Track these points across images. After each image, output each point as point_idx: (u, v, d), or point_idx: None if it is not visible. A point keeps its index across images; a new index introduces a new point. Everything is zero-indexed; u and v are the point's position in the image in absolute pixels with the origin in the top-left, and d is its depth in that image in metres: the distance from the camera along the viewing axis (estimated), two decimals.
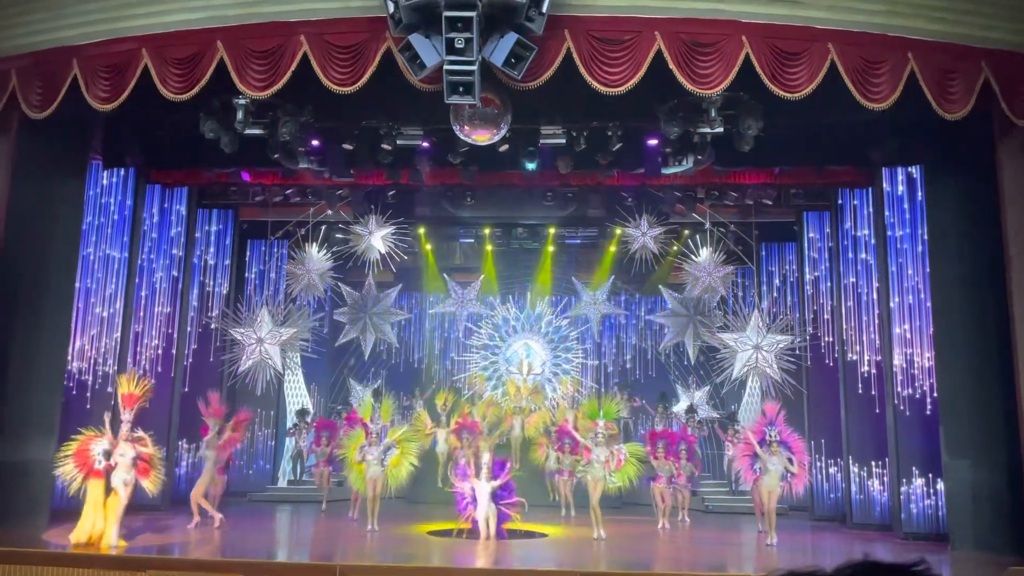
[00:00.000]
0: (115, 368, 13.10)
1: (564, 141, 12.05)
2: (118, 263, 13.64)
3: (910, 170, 12.91)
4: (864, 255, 13.98)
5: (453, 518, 11.94)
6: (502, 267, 19.09)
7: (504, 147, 12.11)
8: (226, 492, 13.41)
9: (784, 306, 16.03)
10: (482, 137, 10.83)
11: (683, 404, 17.52)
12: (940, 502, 12.10)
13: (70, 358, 12.59)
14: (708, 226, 15.15)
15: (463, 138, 11.05)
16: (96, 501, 9.99)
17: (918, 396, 12.54)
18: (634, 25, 9.38)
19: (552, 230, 17.36)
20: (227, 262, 15.94)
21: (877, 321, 13.54)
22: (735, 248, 15.71)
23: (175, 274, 14.59)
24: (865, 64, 9.44)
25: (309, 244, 15.41)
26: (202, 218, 15.61)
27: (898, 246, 12.95)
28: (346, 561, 10.07)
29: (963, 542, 11.02)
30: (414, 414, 16.52)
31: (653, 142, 12.39)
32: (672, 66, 9.30)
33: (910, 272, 12.83)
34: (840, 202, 14.39)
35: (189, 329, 15.03)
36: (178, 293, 14.58)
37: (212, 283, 15.69)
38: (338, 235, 16.12)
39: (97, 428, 10.35)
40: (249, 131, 10.99)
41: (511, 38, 8.76)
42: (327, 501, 14.93)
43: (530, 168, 13.01)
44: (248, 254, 16.88)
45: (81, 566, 8.74)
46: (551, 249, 18.13)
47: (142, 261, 14.11)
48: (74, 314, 12.61)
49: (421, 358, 19.98)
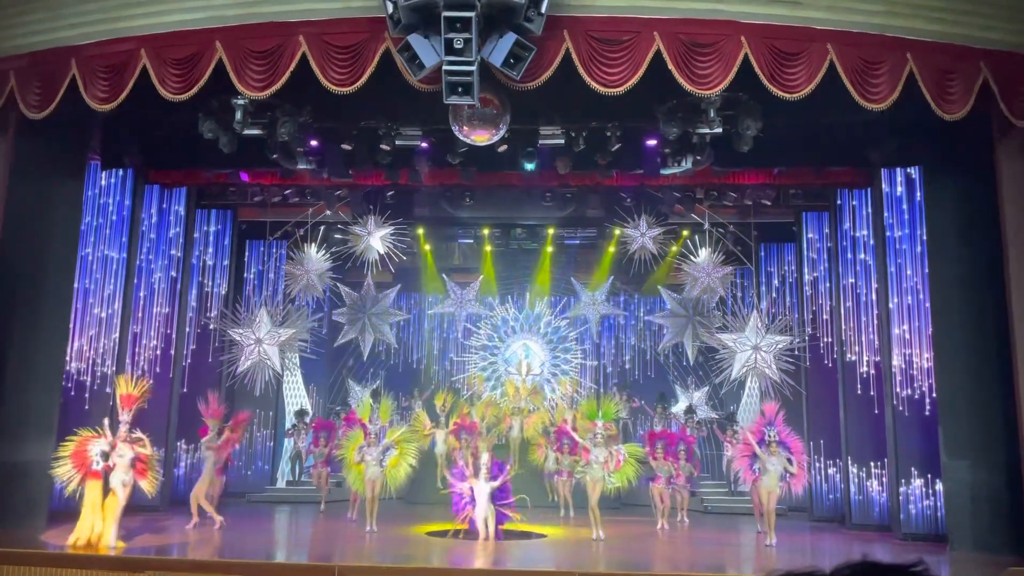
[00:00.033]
0: (113, 369, 13.09)
1: (563, 141, 12.04)
2: (116, 263, 13.63)
3: (909, 171, 12.92)
4: (863, 256, 13.98)
5: (452, 519, 11.94)
6: (501, 268, 19.11)
7: (503, 147, 12.11)
8: (225, 493, 13.39)
9: (783, 307, 16.03)
10: (481, 137, 10.82)
11: (682, 405, 17.52)
12: (939, 503, 12.10)
13: (68, 359, 12.57)
14: (707, 226, 15.17)
15: (462, 138, 11.04)
16: (94, 502, 9.95)
17: (917, 397, 12.54)
18: (633, 25, 9.38)
19: (551, 230, 17.39)
20: (226, 262, 15.92)
21: (876, 322, 13.54)
22: (734, 248, 15.72)
23: (174, 274, 14.57)
24: (864, 64, 9.45)
25: (308, 244, 15.42)
26: (201, 218, 15.59)
27: (897, 247, 12.95)
28: (345, 562, 10.06)
29: (962, 543, 11.02)
30: (413, 415, 16.50)
31: (652, 142, 12.40)
32: (671, 66, 9.30)
33: (909, 273, 12.84)
34: (839, 202, 14.39)
35: (188, 330, 15.01)
36: (177, 293, 14.56)
37: (211, 283, 15.67)
38: (337, 235, 16.14)
39: (94, 428, 10.32)
40: (248, 131, 10.98)
41: (510, 38, 8.75)
42: (326, 502, 14.91)
43: (529, 168, 13.01)
44: (247, 254, 16.86)
45: (80, 567, 8.73)
46: (550, 249, 18.17)
47: (140, 261, 14.09)
48: (72, 315, 12.59)
49: (420, 359, 19.97)
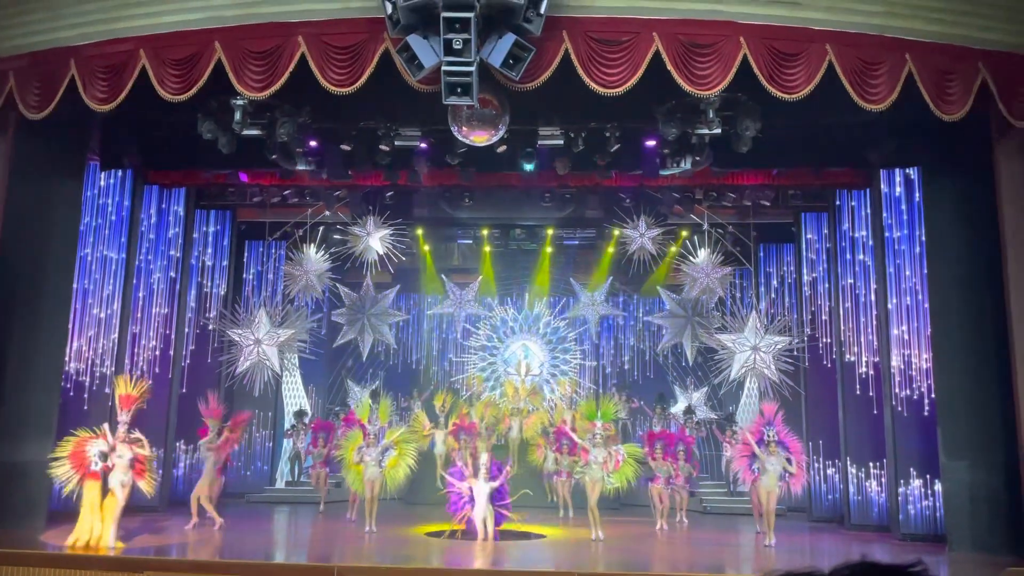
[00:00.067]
0: (112, 369, 13.09)
1: (562, 142, 12.04)
2: (116, 264, 13.62)
3: (908, 171, 12.92)
4: (862, 256, 13.98)
5: (449, 519, 11.94)
6: (500, 268, 19.11)
7: (502, 148, 12.11)
8: (224, 493, 13.38)
9: (782, 307, 16.03)
10: (480, 138, 10.82)
11: (681, 405, 17.51)
12: (938, 503, 12.10)
13: (68, 359, 12.57)
14: (706, 227, 15.19)
15: (461, 139, 11.04)
16: (92, 503, 9.93)
17: (916, 397, 12.55)
18: (632, 26, 9.38)
19: (550, 231, 17.41)
20: (225, 263, 15.92)
21: (875, 322, 13.53)
22: (733, 249, 15.73)
23: (173, 275, 14.56)
24: (863, 65, 9.45)
25: (307, 245, 15.42)
26: (200, 219, 15.58)
27: (896, 247, 12.95)
28: (344, 562, 10.07)
29: (961, 543, 11.02)
30: (412, 415, 16.49)
31: (651, 143, 12.40)
32: (670, 67, 9.30)
33: (908, 273, 12.84)
34: (838, 203, 14.39)
35: (187, 330, 15.01)
36: (176, 294, 14.55)
37: (210, 284, 15.67)
38: (336, 236, 16.15)
39: (91, 429, 10.31)
40: (247, 132, 10.98)
41: (509, 39, 8.76)
42: (325, 502, 14.90)
43: (528, 169, 13.01)
44: (246, 255, 16.85)
45: (79, 567, 8.73)
46: (549, 250, 18.19)
47: (140, 262, 14.09)
48: (72, 315, 12.59)
49: (419, 359, 19.96)
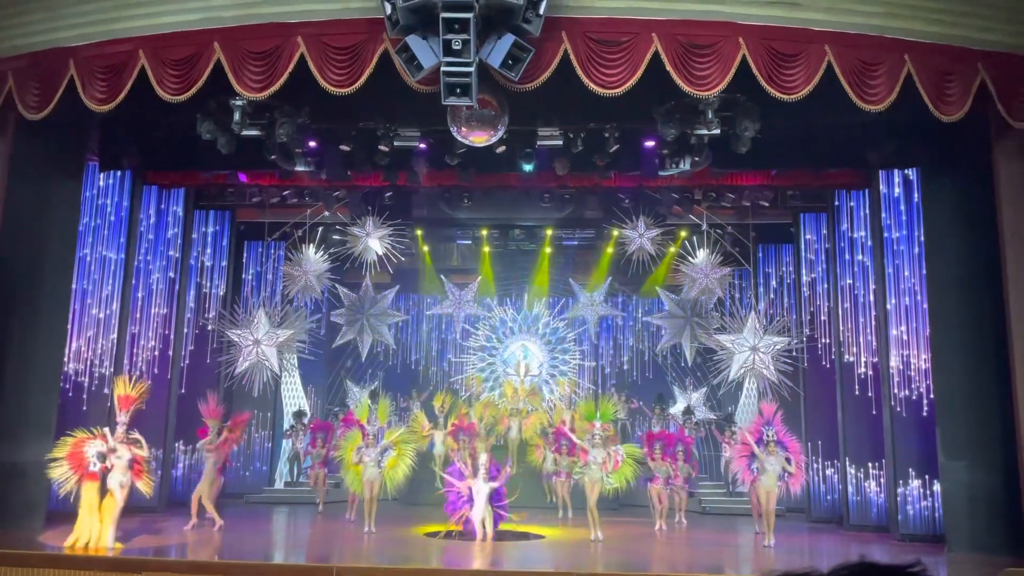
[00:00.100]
0: (111, 370, 13.08)
1: (561, 143, 12.04)
2: (115, 264, 13.62)
3: (907, 172, 12.93)
4: (861, 257, 13.99)
5: (446, 519, 11.93)
6: (499, 268, 19.12)
7: (501, 149, 12.10)
8: (223, 494, 13.35)
9: (781, 308, 16.03)
10: (479, 139, 10.82)
11: (680, 405, 17.51)
12: (937, 503, 12.11)
13: (67, 359, 12.57)
14: (705, 228, 15.20)
15: (460, 140, 11.04)
16: (91, 504, 9.92)
17: (915, 398, 12.55)
18: (631, 27, 9.39)
19: (549, 231, 17.42)
20: (224, 263, 15.90)
21: (874, 323, 13.54)
22: (732, 250, 15.74)
23: (172, 275, 14.55)
24: (862, 66, 9.46)
25: (306, 245, 15.40)
26: (199, 219, 15.56)
27: (895, 248, 12.96)
28: (343, 563, 10.07)
29: (959, 543, 11.02)
30: (411, 416, 16.50)
31: (650, 144, 12.41)
32: (669, 68, 9.31)
33: (907, 274, 12.85)
34: (837, 204, 14.40)
35: (186, 331, 15.00)
36: (175, 295, 14.55)
37: (209, 284, 15.66)
38: (335, 236, 16.15)
39: (89, 429, 10.30)
40: (246, 132, 10.97)
41: (508, 40, 8.76)
42: (324, 503, 14.90)
43: (527, 170, 13.02)
44: (245, 255, 16.84)
45: (78, 568, 8.72)
46: (548, 250, 18.21)
47: (139, 262, 14.08)
48: (71, 315, 12.58)
49: (418, 360, 19.96)
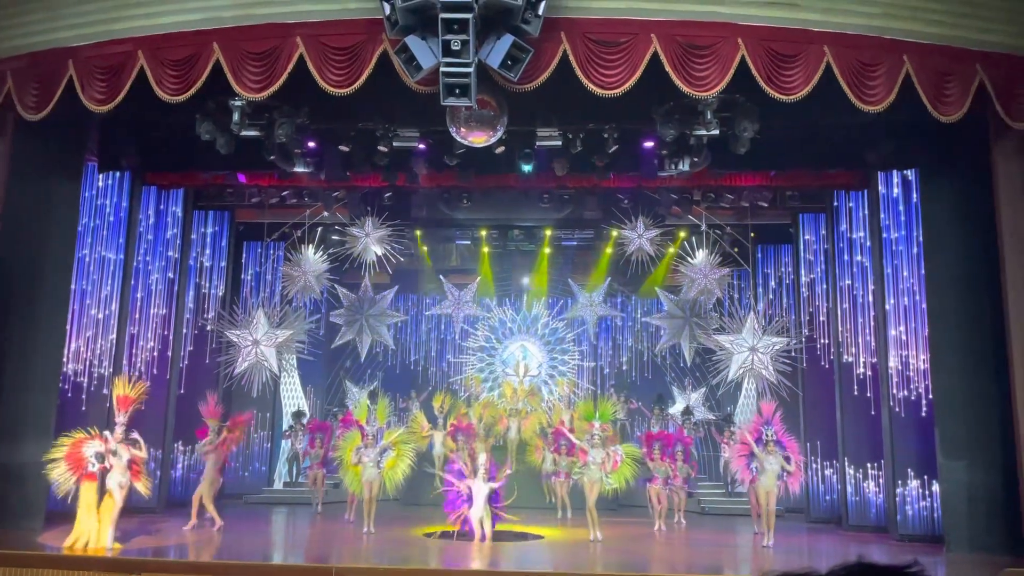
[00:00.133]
0: (111, 370, 13.08)
1: (560, 143, 12.04)
2: (114, 265, 13.62)
3: (905, 172, 12.93)
4: (860, 257, 14.00)
5: (444, 519, 11.93)
6: (498, 269, 19.14)
7: (500, 149, 12.10)
8: (222, 494, 13.35)
9: (780, 308, 16.06)
10: (478, 139, 10.82)
11: (679, 406, 17.52)
12: (935, 504, 12.11)
13: (66, 360, 12.57)
14: (704, 228, 15.21)
15: (459, 140, 11.04)
16: (89, 504, 9.91)
17: (913, 398, 12.56)
18: (630, 27, 9.39)
19: (548, 232, 17.42)
20: (223, 264, 15.91)
21: (873, 323, 13.55)
22: (731, 250, 15.75)
23: (171, 276, 14.55)
24: (861, 66, 9.46)
25: (305, 246, 15.41)
26: (198, 220, 15.56)
27: (893, 248, 12.97)
28: (342, 563, 10.06)
29: (958, 543, 11.03)
30: (411, 416, 16.49)
31: (649, 144, 12.43)
32: (668, 68, 9.31)
33: (905, 274, 12.86)
34: (836, 204, 14.41)
35: (185, 331, 14.99)
36: (174, 295, 14.55)
37: (208, 285, 15.66)
38: (334, 237, 16.15)
39: (87, 430, 10.29)
40: (245, 133, 10.97)
41: (507, 40, 8.76)
42: (322, 503, 14.89)
43: (526, 170, 13.03)
44: (244, 256, 16.85)
45: (77, 568, 8.72)
46: (547, 251, 18.22)
47: (138, 263, 14.08)
48: (70, 316, 12.57)
49: (417, 360, 19.95)
